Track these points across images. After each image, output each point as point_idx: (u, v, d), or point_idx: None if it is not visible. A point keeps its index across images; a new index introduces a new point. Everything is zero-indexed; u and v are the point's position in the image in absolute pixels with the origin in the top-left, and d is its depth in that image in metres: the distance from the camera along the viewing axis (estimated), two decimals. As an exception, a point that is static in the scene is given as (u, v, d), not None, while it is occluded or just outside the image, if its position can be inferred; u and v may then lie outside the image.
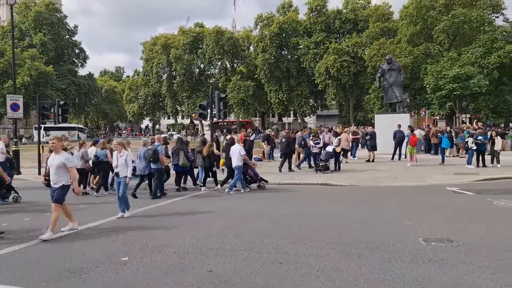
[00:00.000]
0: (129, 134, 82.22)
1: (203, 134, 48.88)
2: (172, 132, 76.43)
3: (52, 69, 61.34)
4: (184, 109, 70.87)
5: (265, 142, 22.09)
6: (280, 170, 16.74)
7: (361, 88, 52.98)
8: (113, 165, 9.52)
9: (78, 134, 55.58)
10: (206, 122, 44.84)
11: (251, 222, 8.32)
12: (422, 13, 41.80)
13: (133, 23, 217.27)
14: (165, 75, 70.94)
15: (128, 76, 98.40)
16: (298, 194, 12.20)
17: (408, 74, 39.88)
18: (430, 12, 41.55)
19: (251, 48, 65.58)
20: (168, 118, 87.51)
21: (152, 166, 11.72)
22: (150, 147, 11.96)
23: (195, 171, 14.02)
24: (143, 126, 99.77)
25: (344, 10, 56.08)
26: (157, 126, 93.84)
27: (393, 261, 5.60)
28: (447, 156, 20.12)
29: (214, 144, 16.14)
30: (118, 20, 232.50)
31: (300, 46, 56.99)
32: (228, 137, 15.92)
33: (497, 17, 43.47)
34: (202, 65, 68.66)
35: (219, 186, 12.97)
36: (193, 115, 32.27)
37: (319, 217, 8.72)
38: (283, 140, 17.58)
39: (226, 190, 12.51)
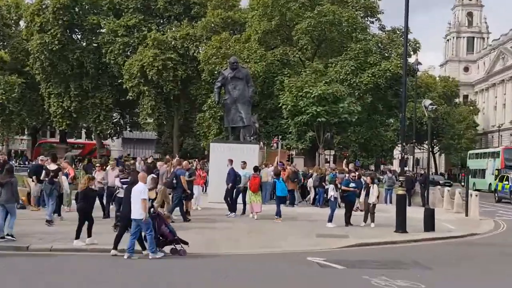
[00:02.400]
0: None
1: None
2: None
3: None
4: None
5: (34, 177, 20.26)
6: None
7: (192, 102, 54.12)
8: None
9: None
10: None
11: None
12: (280, 4, 44.68)
13: None
14: None
15: None
16: (83, 263, 11.22)
17: (259, 88, 41.09)
18: (290, 4, 44.62)
19: (22, 23, 61.94)
20: None
21: None
22: None
23: None
24: None
25: (172, -15, 57.21)
26: None
27: None
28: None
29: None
30: None
31: (102, 30, 55.85)
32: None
33: (372, 22, 49.10)
34: None
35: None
36: None
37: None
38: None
39: (147, 253, 12.25)
